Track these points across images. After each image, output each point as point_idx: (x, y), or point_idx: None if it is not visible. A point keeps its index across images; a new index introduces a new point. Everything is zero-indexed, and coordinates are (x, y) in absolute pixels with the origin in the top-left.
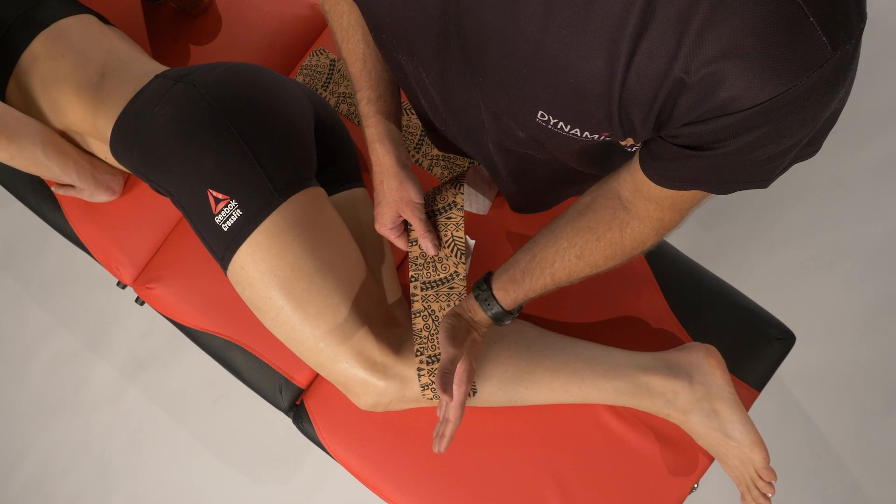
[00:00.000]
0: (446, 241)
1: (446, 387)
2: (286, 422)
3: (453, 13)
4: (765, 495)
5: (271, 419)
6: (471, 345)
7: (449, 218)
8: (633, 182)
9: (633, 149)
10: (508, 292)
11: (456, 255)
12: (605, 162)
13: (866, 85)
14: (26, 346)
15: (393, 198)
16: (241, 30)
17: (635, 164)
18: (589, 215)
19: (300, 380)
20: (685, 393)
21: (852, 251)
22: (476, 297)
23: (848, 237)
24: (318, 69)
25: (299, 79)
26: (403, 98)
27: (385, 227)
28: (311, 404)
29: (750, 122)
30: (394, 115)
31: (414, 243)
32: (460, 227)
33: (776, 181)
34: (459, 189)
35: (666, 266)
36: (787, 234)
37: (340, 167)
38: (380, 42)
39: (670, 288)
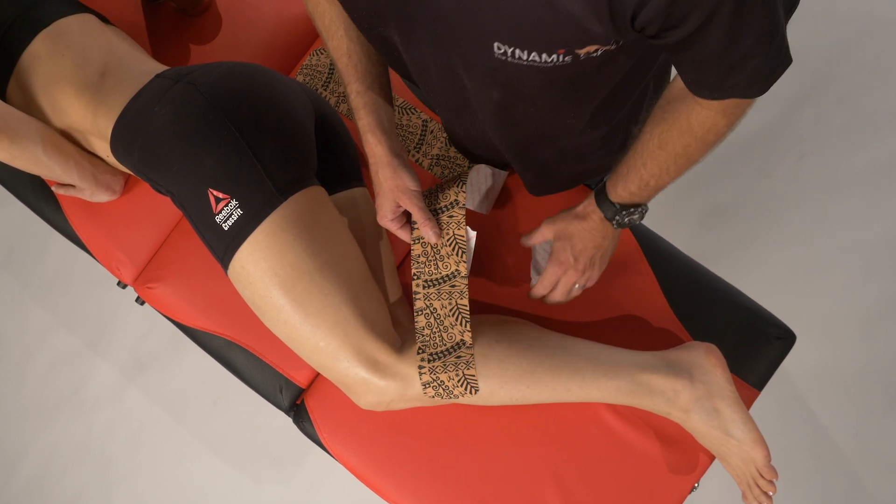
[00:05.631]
0: (448, 240)
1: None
2: (286, 421)
3: None
4: (766, 494)
5: (272, 419)
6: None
7: (451, 216)
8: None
9: (598, 53)
10: (617, 187)
11: (457, 254)
12: (595, 104)
13: (866, 85)
14: (26, 346)
15: (389, 187)
16: (241, 30)
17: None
18: (663, 108)
19: (300, 379)
20: (686, 391)
21: (853, 251)
22: (598, 203)
23: (848, 237)
24: (319, 69)
25: (299, 78)
26: (404, 95)
27: (385, 218)
28: (312, 404)
29: None
30: (384, 106)
31: (416, 241)
32: (462, 225)
33: (776, 180)
34: (461, 187)
35: (666, 265)
36: (787, 233)
37: (341, 166)
38: (359, 22)
39: (671, 287)
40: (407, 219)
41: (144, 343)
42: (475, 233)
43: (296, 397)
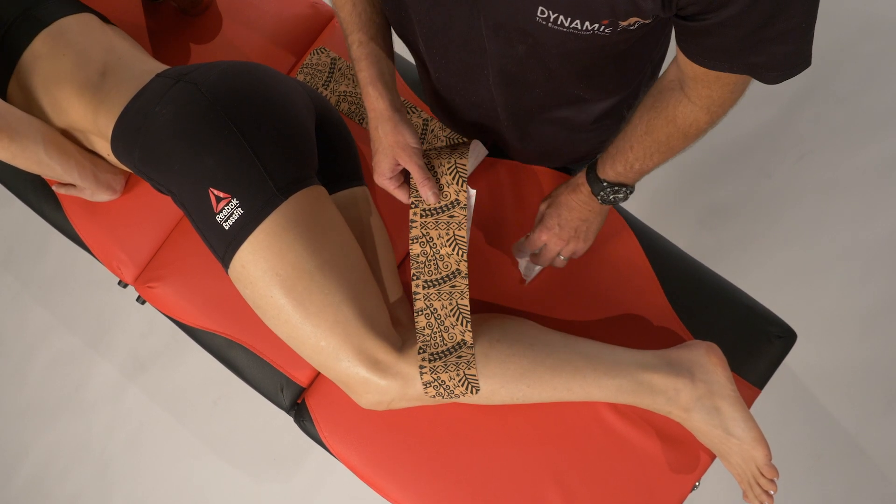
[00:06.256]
0: (448, 240)
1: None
2: (287, 421)
3: None
4: (767, 493)
5: (273, 418)
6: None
7: (451, 216)
8: (682, 65)
9: (635, 26)
10: (605, 165)
11: (458, 254)
12: (604, 76)
13: (866, 85)
14: (26, 346)
15: (388, 143)
16: (242, 29)
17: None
18: (654, 96)
19: (301, 378)
20: (687, 390)
21: (853, 251)
22: (587, 179)
23: (849, 237)
24: (319, 68)
25: (300, 77)
26: (404, 94)
27: (383, 176)
28: (313, 403)
29: None
30: (386, 59)
31: (415, 241)
32: (462, 225)
33: (776, 180)
34: (462, 185)
35: (667, 264)
36: (788, 233)
37: (341, 166)
38: None
39: (672, 286)
40: (405, 178)
41: (145, 343)
42: (475, 191)
43: (297, 396)
